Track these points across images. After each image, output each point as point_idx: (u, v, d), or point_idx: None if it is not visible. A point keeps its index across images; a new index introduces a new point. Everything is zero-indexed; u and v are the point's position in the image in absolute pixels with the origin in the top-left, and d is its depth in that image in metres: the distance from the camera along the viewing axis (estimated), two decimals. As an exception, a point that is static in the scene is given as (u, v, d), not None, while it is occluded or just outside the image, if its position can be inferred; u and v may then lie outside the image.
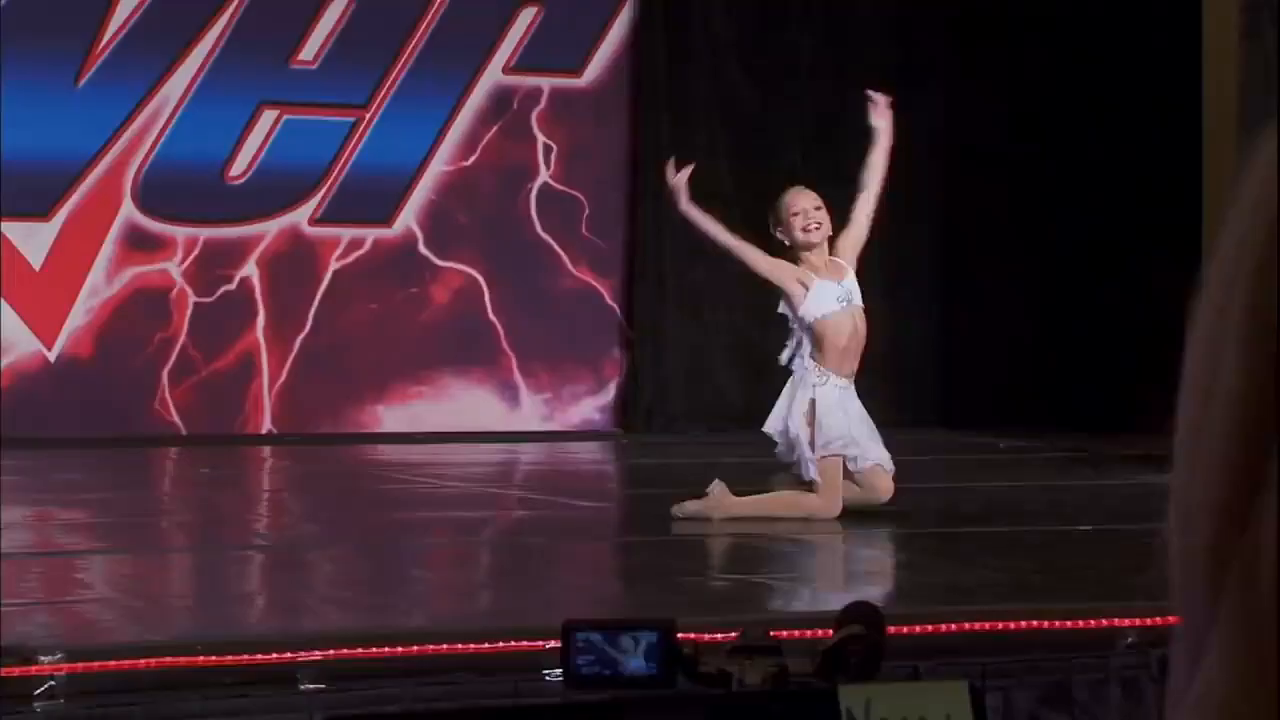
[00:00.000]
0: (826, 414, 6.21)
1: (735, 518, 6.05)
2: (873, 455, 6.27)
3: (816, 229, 6.32)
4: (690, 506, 6.14)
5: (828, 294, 6.34)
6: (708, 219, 6.46)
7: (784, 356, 6.36)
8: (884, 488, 6.24)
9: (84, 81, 9.34)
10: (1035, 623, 4.37)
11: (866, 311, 6.51)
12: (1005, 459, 8.88)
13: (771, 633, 2.30)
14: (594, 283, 10.16)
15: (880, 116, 6.39)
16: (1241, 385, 0.51)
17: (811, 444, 6.11)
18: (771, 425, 6.26)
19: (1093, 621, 4.34)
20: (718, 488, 6.12)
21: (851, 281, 6.34)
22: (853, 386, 6.34)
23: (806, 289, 6.25)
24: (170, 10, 9.38)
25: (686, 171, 6.44)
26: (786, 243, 6.37)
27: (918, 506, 6.71)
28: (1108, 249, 10.49)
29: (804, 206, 6.34)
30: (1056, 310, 10.73)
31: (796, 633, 3.71)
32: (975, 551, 5.76)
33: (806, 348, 6.34)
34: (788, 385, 6.32)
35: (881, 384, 10.78)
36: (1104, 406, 10.00)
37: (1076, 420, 10.05)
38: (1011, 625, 4.35)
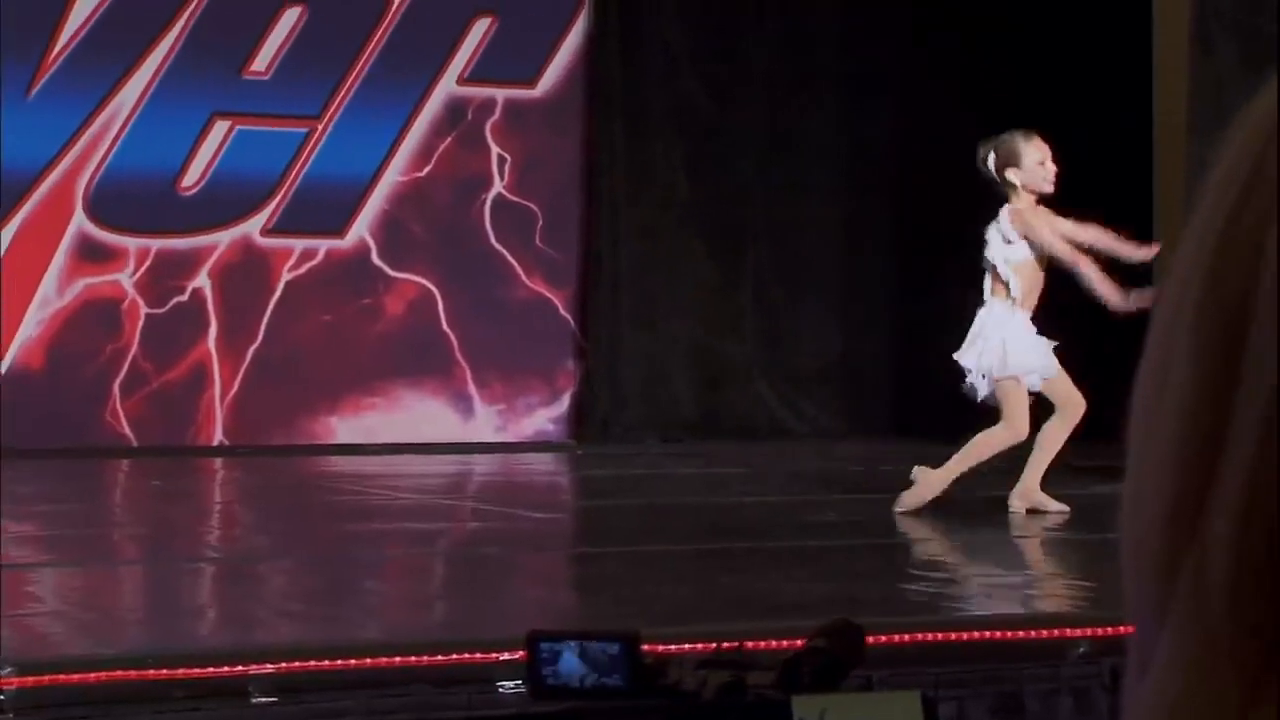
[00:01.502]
0: (1016, 343, 6.84)
1: (950, 481, 6.53)
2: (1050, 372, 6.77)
3: (1051, 180, 6.88)
4: (908, 499, 6.48)
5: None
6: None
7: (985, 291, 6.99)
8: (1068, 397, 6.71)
9: (35, 91, 9.28)
10: (987, 633, 4.37)
11: (822, 319, 6.76)
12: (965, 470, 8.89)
13: (746, 645, 2.30)
14: (548, 293, 10.15)
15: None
16: (1191, 384, 0.51)
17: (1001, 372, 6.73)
18: (966, 358, 6.94)
19: (1045, 631, 4.35)
20: (919, 473, 6.65)
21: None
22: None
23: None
24: (123, 20, 9.34)
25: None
26: (1017, 182, 6.88)
27: (869, 516, 6.72)
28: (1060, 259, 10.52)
29: (1047, 155, 6.92)
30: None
31: (764, 644, 3.71)
32: (930, 562, 5.77)
33: (1003, 287, 6.90)
34: (976, 322, 6.97)
35: (835, 393, 10.83)
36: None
37: (1030, 430, 10.07)
38: (964, 635, 4.36)
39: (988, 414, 10.55)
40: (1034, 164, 6.88)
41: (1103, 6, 10.25)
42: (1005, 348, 6.71)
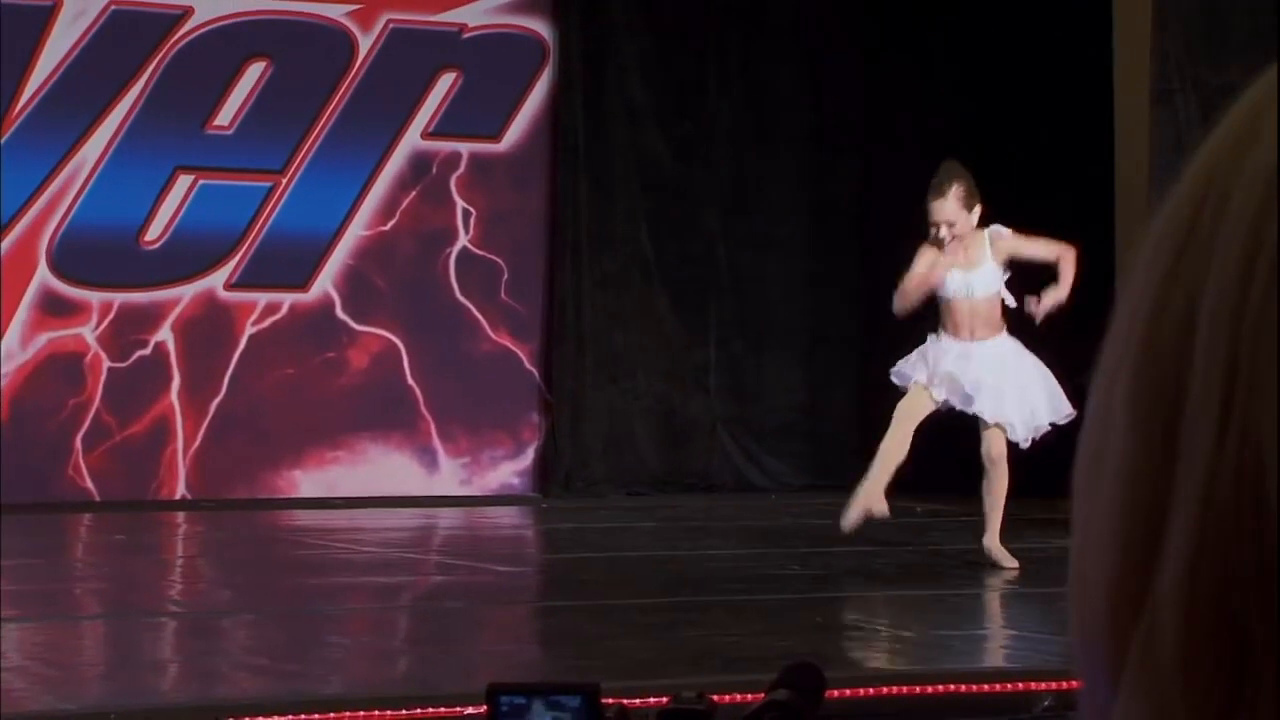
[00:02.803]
0: (932, 355, 6.83)
1: (879, 484, 6.63)
2: (991, 413, 6.73)
3: (949, 237, 6.89)
4: (853, 515, 6.59)
5: (954, 279, 6.88)
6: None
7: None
8: (993, 449, 6.69)
9: (-1, 145, 9.28)
10: (952, 686, 4.38)
11: (785, 374, 6.83)
12: (923, 523, 8.93)
13: (710, 697, 2.30)
14: (513, 347, 10.16)
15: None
16: (1130, 456, 0.50)
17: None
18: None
19: (1010, 685, 4.36)
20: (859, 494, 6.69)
21: (980, 273, 6.78)
22: (990, 344, 6.79)
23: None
24: (86, 75, 9.35)
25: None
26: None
27: (833, 568, 6.73)
28: (1022, 313, 10.59)
29: (935, 218, 6.98)
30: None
31: (728, 697, 3.71)
32: (894, 614, 5.78)
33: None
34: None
35: (798, 448, 10.84)
36: (1023, 470, 10.06)
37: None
38: (929, 688, 4.37)
39: (953, 468, 10.59)
40: (930, 225, 6.99)
41: (1064, 62, 10.35)
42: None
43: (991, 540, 6.76)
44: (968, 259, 6.86)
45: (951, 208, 6.94)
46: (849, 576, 6.65)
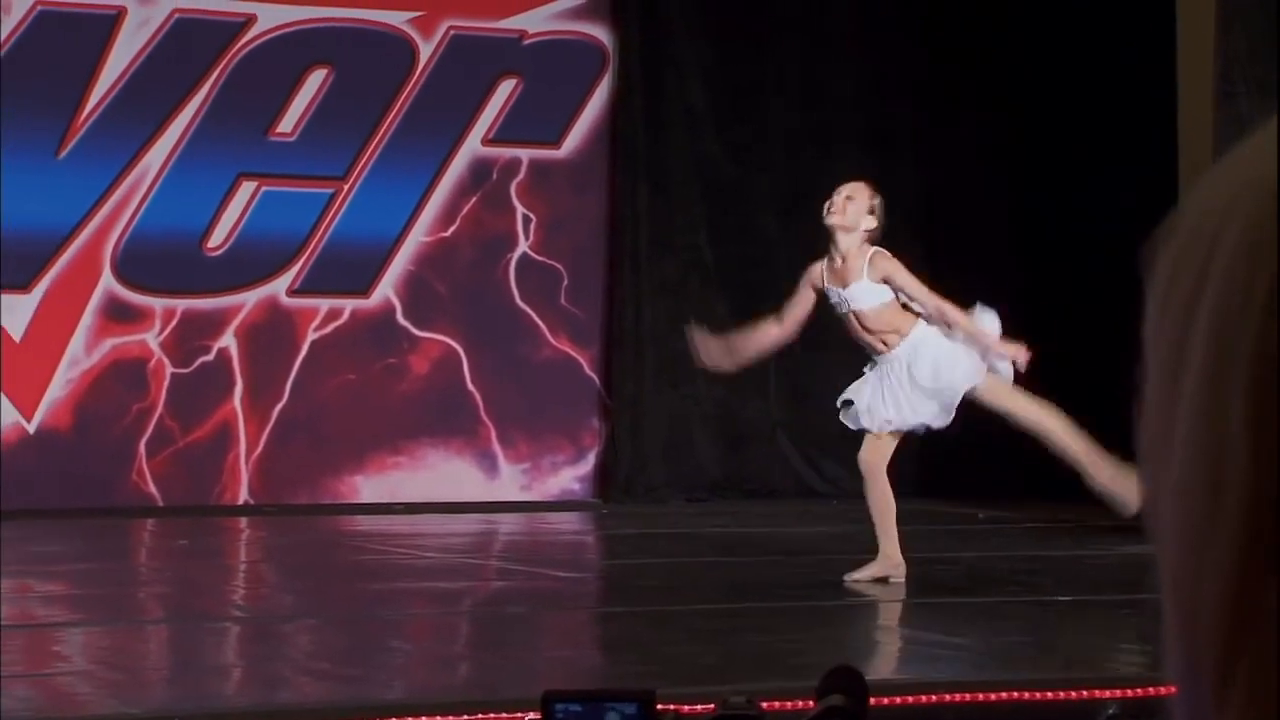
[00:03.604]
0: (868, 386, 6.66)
1: (894, 546, 6.41)
2: (866, 421, 6.61)
3: (830, 214, 6.58)
4: (864, 574, 6.43)
5: (831, 295, 6.66)
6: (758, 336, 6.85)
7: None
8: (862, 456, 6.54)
9: (65, 153, 9.36)
10: (1017, 693, 4.36)
11: (845, 378, 6.75)
12: (985, 529, 8.89)
13: (760, 703, 2.29)
14: (573, 352, 10.17)
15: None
16: (1255, 484, 0.50)
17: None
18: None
19: (1074, 692, 4.34)
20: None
21: (856, 288, 6.55)
22: (896, 356, 6.60)
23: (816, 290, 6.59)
24: (151, 83, 9.42)
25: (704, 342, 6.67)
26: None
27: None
28: (1086, 315, 10.54)
29: (839, 192, 6.65)
30: (1035, 379, 10.75)
31: (779, 704, 3.70)
32: (956, 622, 5.75)
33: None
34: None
35: (853, 450, 10.79)
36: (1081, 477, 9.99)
37: (1057, 490, 10.05)
38: (993, 696, 4.34)
39: (1011, 473, 10.54)
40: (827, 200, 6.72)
41: (1125, 64, 10.28)
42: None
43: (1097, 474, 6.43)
44: (843, 275, 6.58)
45: (855, 187, 6.64)
46: (910, 583, 6.62)
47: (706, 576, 7.01)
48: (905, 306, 6.58)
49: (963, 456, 10.64)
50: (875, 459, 6.59)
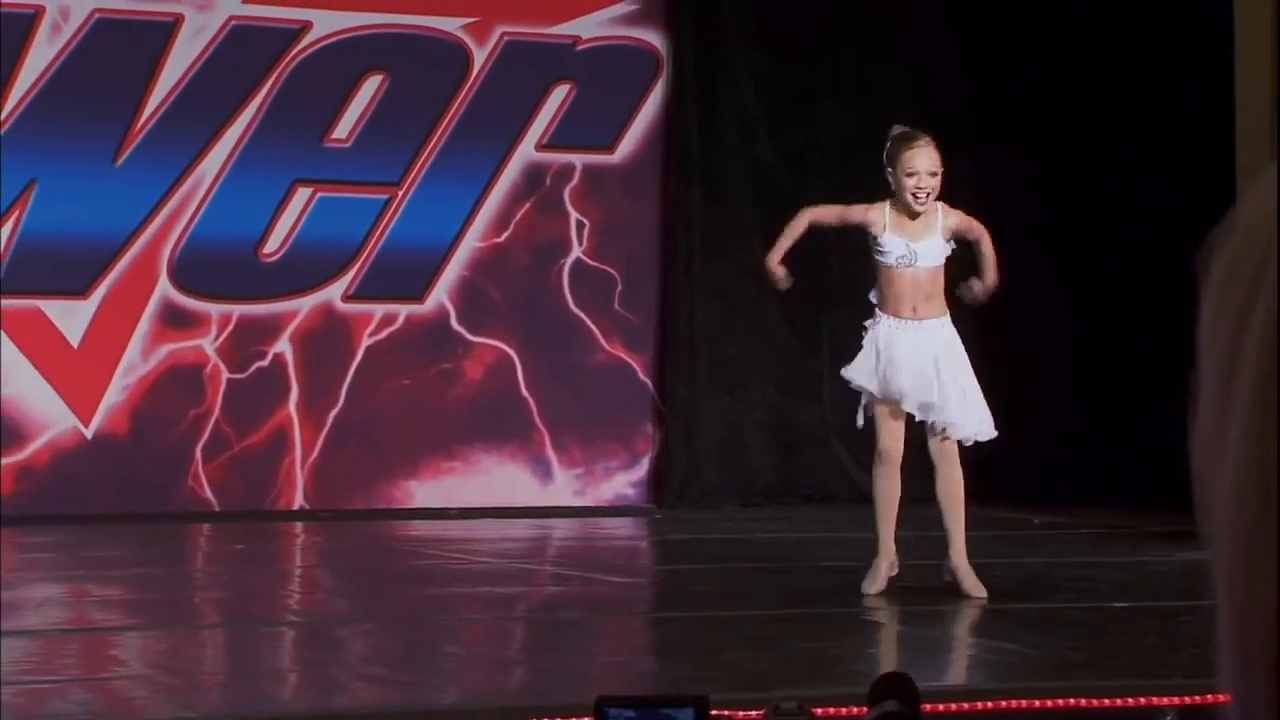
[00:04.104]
0: (882, 357, 6.26)
1: (890, 540, 6.22)
2: (912, 405, 6.22)
3: (927, 198, 6.22)
4: (878, 582, 6.23)
5: (894, 245, 6.27)
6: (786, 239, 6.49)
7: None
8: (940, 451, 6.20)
9: (122, 160, 9.42)
10: (1074, 700, 4.33)
11: None
12: (1041, 535, 8.84)
13: (812, 709, 2.29)
14: (627, 358, 10.17)
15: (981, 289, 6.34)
16: None
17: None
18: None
19: (1131, 699, 4.31)
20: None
21: (928, 244, 6.24)
22: (931, 325, 6.29)
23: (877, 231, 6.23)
24: (206, 89, 9.47)
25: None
26: (892, 186, 6.28)
27: (953, 582, 6.67)
28: (1147, 316, 10.48)
29: (923, 170, 6.21)
30: (1091, 383, 10.71)
31: (832, 710, 3.69)
32: (1012, 629, 5.72)
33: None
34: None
35: (914, 457, 10.76)
36: (1144, 481, 9.94)
37: (1114, 495, 10.00)
38: (1049, 703, 4.32)
39: (1068, 478, 10.47)
40: (903, 175, 6.18)
41: (1181, 67, 10.22)
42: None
43: (959, 559, 6.21)
44: (914, 229, 6.16)
45: (935, 156, 6.20)
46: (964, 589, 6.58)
47: (760, 582, 7.00)
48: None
49: (1019, 461, 10.60)
50: (900, 445, 6.32)
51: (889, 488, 6.27)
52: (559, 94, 10.05)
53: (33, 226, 9.21)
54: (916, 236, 6.22)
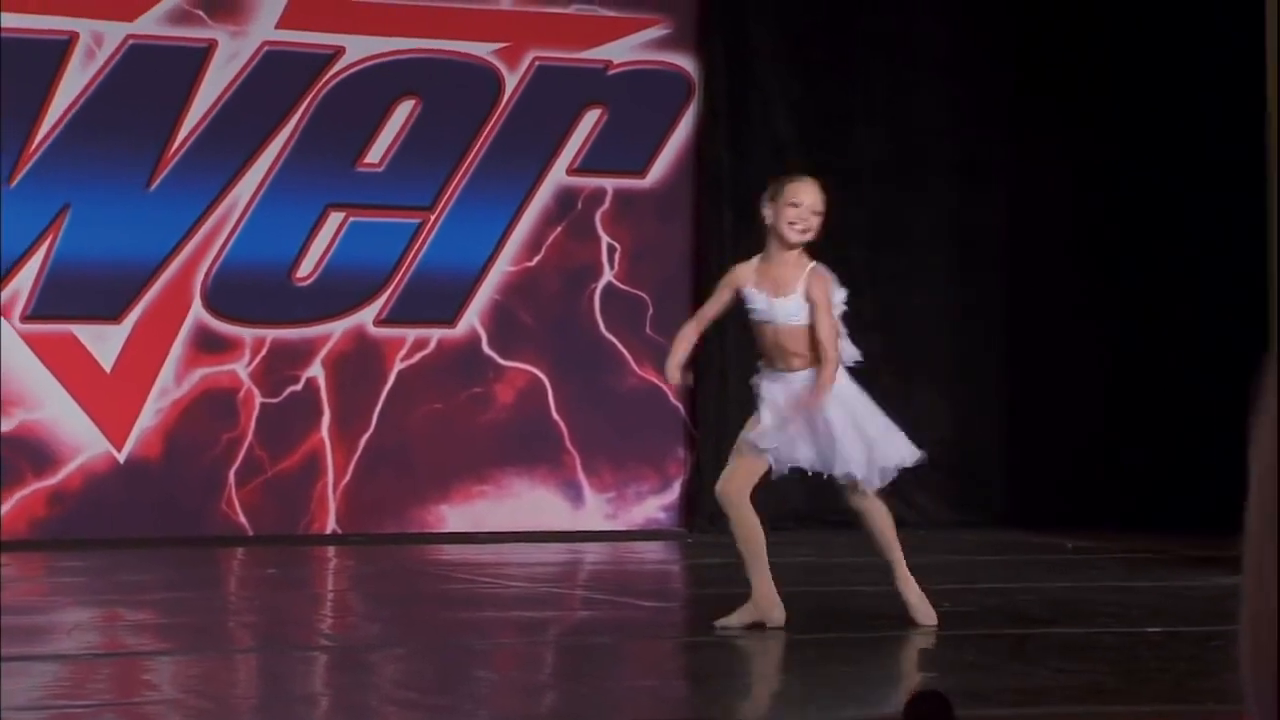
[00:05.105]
0: (763, 410, 6.15)
1: (766, 585, 6.06)
2: (800, 457, 6.12)
3: (803, 232, 6.02)
4: (735, 621, 6.07)
5: (755, 299, 6.10)
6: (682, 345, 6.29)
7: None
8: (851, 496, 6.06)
9: (156, 184, 9.47)
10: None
11: (932, 407, 6.45)
12: (1074, 559, 8.81)
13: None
14: (658, 382, 10.17)
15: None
16: None
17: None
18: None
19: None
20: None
21: (786, 302, 6.05)
22: (798, 379, 6.08)
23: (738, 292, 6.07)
24: (240, 114, 9.52)
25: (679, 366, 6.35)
26: (769, 223, 6.06)
27: (982, 605, 6.65)
28: (1178, 341, 10.44)
29: (804, 201, 6.02)
30: (1124, 407, 10.67)
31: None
32: (1044, 653, 5.70)
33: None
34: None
35: (947, 481, 10.74)
36: (1176, 505, 9.90)
37: (1147, 519, 9.96)
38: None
39: (1102, 505, 10.43)
40: (785, 205, 5.95)
41: (1215, 88, 10.19)
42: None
43: (906, 588, 6.09)
44: (777, 283, 5.98)
45: (820, 196, 5.99)
46: (998, 614, 6.57)
47: (791, 606, 6.98)
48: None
49: (1051, 485, 10.56)
50: (742, 487, 6.19)
51: (741, 531, 6.17)
52: (590, 118, 10.07)
53: (66, 251, 9.26)
54: (776, 293, 6.04)
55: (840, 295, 6.12)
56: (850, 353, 6.10)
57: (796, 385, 6.07)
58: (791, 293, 6.01)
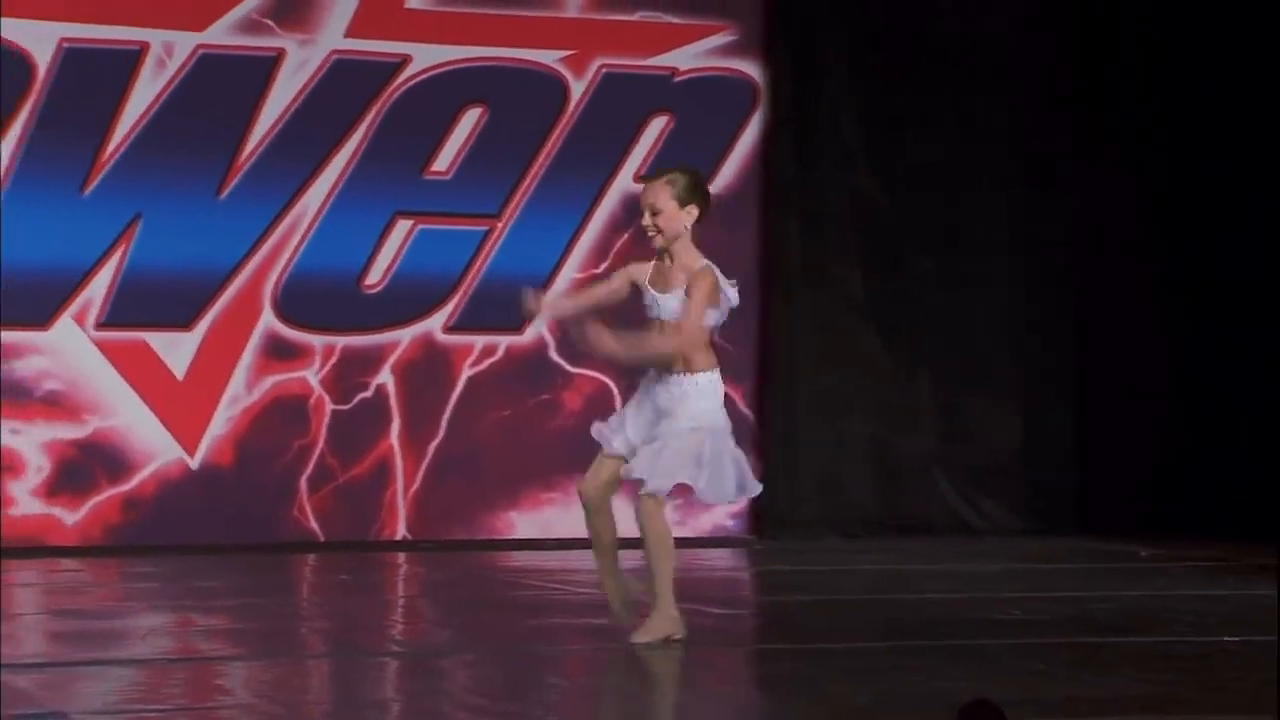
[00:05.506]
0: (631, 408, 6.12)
1: (613, 582, 6.04)
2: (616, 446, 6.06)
3: (653, 237, 6.00)
4: (634, 626, 6.00)
5: (647, 295, 6.09)
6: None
7: None
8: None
9: (226, 193, 9.53)
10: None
11: (1001, 413, 6.38)
12: (1147, 568, 8.74)
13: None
14: (726, 389, 10.15)
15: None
16: None
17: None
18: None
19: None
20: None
21: (670, 298, 6.00)
22: (676, 381, 6.04)
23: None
24: (308, 123, 9.57)
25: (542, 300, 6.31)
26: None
27: (1054, 614, 6.61)
28: (1252, 344, 10.35)
29: (642, 206, 6.00)
30: (1197, 411, 10.59)
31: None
32: (1117, 662, 5.66)
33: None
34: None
35: (1016, 488, 10.69)
36: (1251, 513, 9.82)
37: (1222, 527, 9.88)
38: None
39: (1176, 512, 10.34)
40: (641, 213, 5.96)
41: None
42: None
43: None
44: (667, 279, 5.94)
45: (655, 194, 5.88)
46: (1070, 623, 6.53)
47: (863, 614, 6.96)
48: (711, 342, 5.99)
49: (1122, 493, 10.49)
50: (601, 487, 6.15)
51: (596, 528, 6.10)
52: (657, 125, 10.08)
53: (138, 260, 9.33)
54: (663, 289, 6.02)
55: (730, 297, 6.02)
56: (711, 361, 6.00)
57: (675, 390, 6.01)
58: (677, 289, 5.97)
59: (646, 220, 5.99)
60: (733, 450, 6.07)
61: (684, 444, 5.95)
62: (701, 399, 6.00)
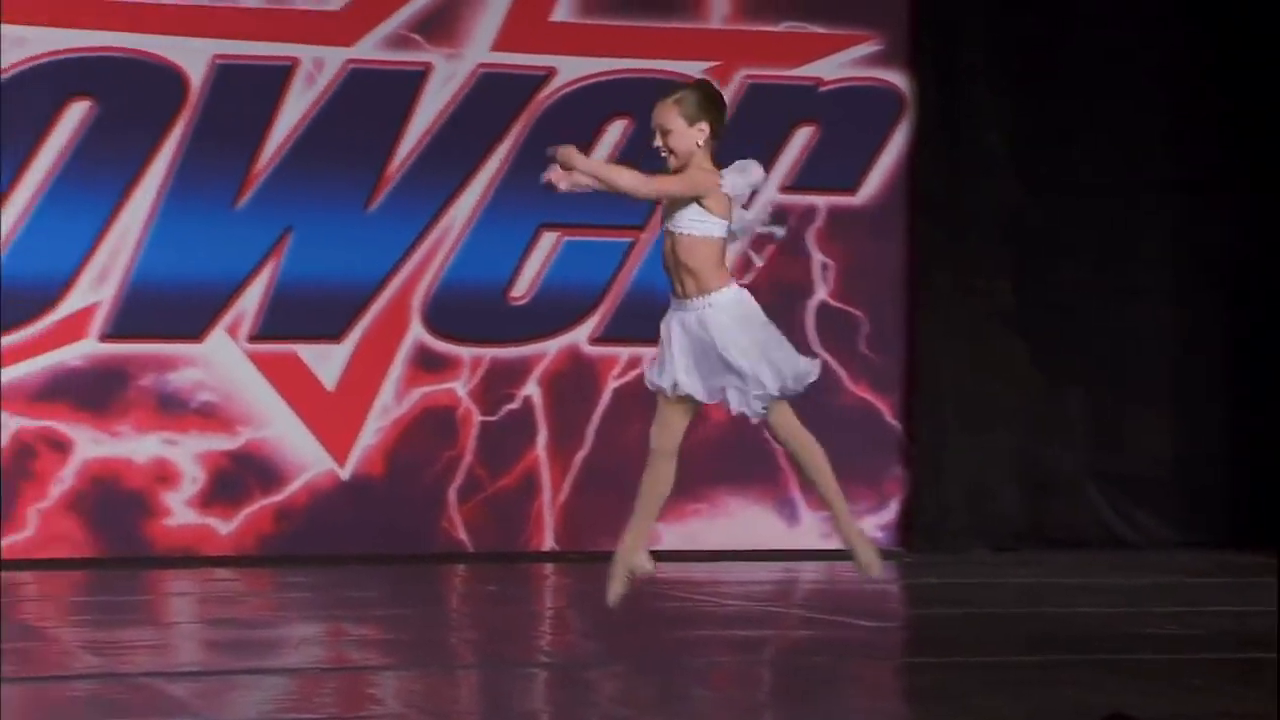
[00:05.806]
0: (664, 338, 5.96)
1: (640, 535, 5.93)
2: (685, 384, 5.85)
3: (664, 157, 5.88)
4: (615, 588, 5.84)
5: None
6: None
7: None
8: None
9: (374, 206, 9.63)
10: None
11: (1154, 425, 6.29)
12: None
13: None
14: (874, 400, 10.11)
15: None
16: None
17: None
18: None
19: None
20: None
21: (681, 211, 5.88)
22: (694, 306, 5.91)
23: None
24: (455, 137, 9.65)
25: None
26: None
27: (1211, 628, 6.50)
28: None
29: (654, 127, 5.83)
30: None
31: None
32: (1275, 679, 5.55)
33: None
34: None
35: (1171, 500, 10.53)
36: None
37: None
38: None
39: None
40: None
41: None
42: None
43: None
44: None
45: (664, 113, 5.72)
46: (1227, 638, 6.41)
47: (1014, 628, 6.89)
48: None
49: (1277, 506, 10.29)
50: (670, 438, 5.99)
51: (647, 479, 5.98)
52: (802, 136, 10.05)
53: (289, 272, 9.46)
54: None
55: (745, 215, 5.95)
56: (749, 219, 5.84)
57: (691, 318, 5.84)
58: (689, 201, 5.81)
59: (658, 141, 5.84)
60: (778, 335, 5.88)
61: (752, 345, 5.80)
62: (725, 313, 5.85)
